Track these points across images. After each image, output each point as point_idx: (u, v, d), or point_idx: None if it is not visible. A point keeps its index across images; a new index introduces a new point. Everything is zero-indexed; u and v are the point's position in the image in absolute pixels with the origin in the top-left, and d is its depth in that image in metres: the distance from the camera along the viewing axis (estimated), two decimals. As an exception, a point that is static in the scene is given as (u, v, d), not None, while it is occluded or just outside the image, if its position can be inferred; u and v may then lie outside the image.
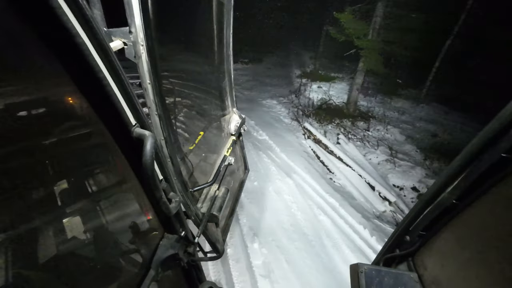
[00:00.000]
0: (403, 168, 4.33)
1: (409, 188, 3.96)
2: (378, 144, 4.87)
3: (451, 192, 0.82)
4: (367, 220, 3.16)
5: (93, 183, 0.85)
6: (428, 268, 1.00)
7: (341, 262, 2.57)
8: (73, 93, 0.70)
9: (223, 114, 2.23)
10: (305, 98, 6.70)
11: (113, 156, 0.93)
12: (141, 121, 0.86)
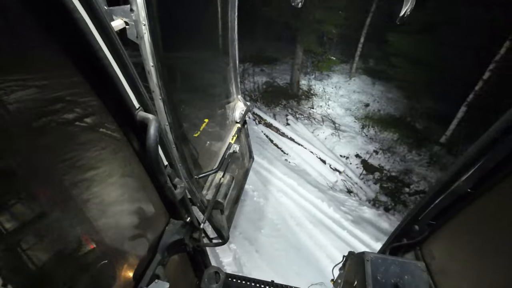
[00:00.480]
0: (346, 139, 4.78)
1: (353, 156, 4.41)
2: (323, 120, 5.29)
3: (466, 180, 0.79)
4: (323, 193, 3.35)
5: (95, 168, 0.83)
6: (437, 257, 0.98)
7: (307, 238, 2.70)
8: (72, 74, 0.67)
9: (227, 101, 2.19)
10: (250, 83, 6.69)
11: (117, 140, 0.91)
12: (145, 104, 0.84)
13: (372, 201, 3.60)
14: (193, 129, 1.77)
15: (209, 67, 1.83)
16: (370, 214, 3.15)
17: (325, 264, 2.47)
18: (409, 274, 0.99)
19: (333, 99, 6.12)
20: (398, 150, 4.94)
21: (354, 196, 3.58)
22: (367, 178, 4.07)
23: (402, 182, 4.25)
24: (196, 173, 1.64)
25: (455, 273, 0.90)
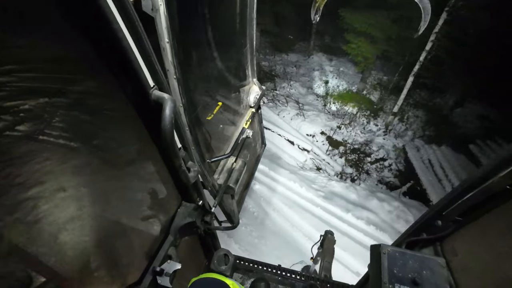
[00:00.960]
0: (310, 117, 4.84)
1: (319, 133, 4.54)
2: (287, 101, 5.32)
3: (506, 176, 0.72)
4: (294, 174, 3.38)
5: (108, 149, 0.81)
6: (459, 255, 0.93)
7: (284, 221, 2.74)
8: (84, 48, 0.63)
9: (242, 85, 2.13)
10: None
11: (131, 121, 0.89)
12: (160, 83, 0.80)
13: (340, 174, 3.74)
14: (206, 112, 1.73)
15: (225, 48, 1.75)
16: (339, 188, 3.20)
17: (303, 242, 2.52)
18: (428, 269, 0.95)
19: (294, 79, 6.14)
20: (358, 123, 5.19)
21: (323, 173, 3.64)
22: (333, 153, 4.21)
23: (364, 152, 4.57)
24: (208, 157, 1.62)
25: (479, 273, 0.85)
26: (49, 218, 0.65)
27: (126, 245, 1.02)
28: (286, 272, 1.88)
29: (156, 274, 1.07)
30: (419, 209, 3.52)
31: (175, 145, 0.78)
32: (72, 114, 0.66)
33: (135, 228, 1.07)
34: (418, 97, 6.21)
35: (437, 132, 5.43)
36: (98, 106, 0.73)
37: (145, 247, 1.13)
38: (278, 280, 1.82)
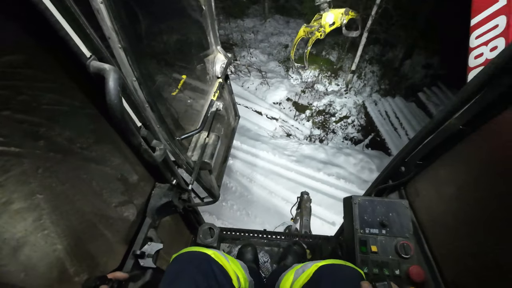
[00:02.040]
0: (275, 85, 4.84)
1: (284, 100, 4.61)
2: (249, 70, 5.18)
3: (459, 117, 0.76)
4: (266, 144, 3.49)
5: (59, 144, 0.71)
6: (421, 195, 1.02)
7: (261, 190, 2.87)
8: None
9: (206, 54, 1.97)
10: (159, 44, 6.34)
11: (76, 102, 0.78)
12: (98, 52, 0.69)
13: (309, 137, 3.91)
14: (170, 87, 1.61)
15: (180, 12, 1.57)
16: (309, 150, 3.38)
17: (282, 206, 2.69)
18: (394, 211, 1.03)
19: (253, 46, 5.91)
20: (321, 85, 5.26)
21: (293, 138, 3.79)
22: (300, 118, 4.35)
23: (329, 113, 4.71)
24: (179, 134, 1.54)
25: (438, 208, 0.94)
26: (4, 235, 0.59)
27: (102, 235, 0.98)
28: (271, 235, 1.98)
29: (138, 257, 1.06)
30: (380, 158, 3.84)
31: (129, 122, 0.70)
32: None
33: (109, 217, 1.02)
34: (372, 53, 6.30)
35: (390, 85, 5.76)
36: (29, 86, 0.62)
37: (122, 233, 1.10)
38: (264, 243, 1.92)
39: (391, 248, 0.99)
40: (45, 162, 0.68)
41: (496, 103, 0.69)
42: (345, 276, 0.79)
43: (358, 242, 1.00)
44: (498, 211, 0.67)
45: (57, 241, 0.73)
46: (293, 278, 0.94)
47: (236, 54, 5.76)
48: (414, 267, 0.90)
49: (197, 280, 0.79)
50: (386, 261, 0.96)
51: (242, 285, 1.00)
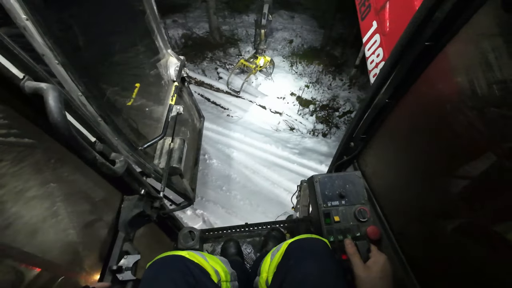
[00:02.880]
0: (279, 79, 4.93)
1: (288, 95, 4.67)
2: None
3: (384, 92, 0.88)
4: (269, 137, 3.61)
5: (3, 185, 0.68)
6: (369, 164, 1.16)
7: (264, 181, 3.00)
8: None
9: (157, 59, 1.93)
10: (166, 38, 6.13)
11: (18, 127, 0.74)
12: (32, 71, 0.67)
13: (312, 132, 4.00)
14: (124, 97, 1.56)
15: (121, 18, 1.51)
16: (312, 143, 3.52)
17: (284, 196, 2.79)
18: (350, 183, 1.16)
19: None
20: (325, 80, 5.34)
21: (296, 132, 3.88)
22: (303, 112, 4.41)
23: (332, 108, 4.78)
24: (141, 143, 1.51)
25: (382, 172, 1.08)
26: (22, 220, 0.66)
27: (75, 255, 0.95)
28: (252, 227, 2.05)
29: (115, 272, 1.04)
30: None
31: (78, 138, 0.69)
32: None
33: (80, 238, 0.99)
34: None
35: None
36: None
37: (96, 252, 1.07)
38: (245, 235, 1.99)
39: (350, 215, 1.11)
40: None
41: (407, 77, 0.82)
42: (310, 247, 0.87)
43: (323, 215, 1.10)
44: (422, 164, 0.81)
45: (69, 227, 0.82)
46: (270, 259, 1.01)
47: (241, 49, 5.60)
48: (370, 227, 1.03)
49: (174, 279, 0.80)
50: (348, 227, 1.08)
51: (223, 278, 1.03)
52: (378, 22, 1.67)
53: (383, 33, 1.61)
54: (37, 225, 0.72)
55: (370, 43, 1.75)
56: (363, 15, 1.92)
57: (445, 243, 0.77)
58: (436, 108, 0.72)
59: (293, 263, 0.82)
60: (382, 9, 1.58)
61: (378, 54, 1.69)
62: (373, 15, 1.72)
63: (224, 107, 4.17)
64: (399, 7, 1.42)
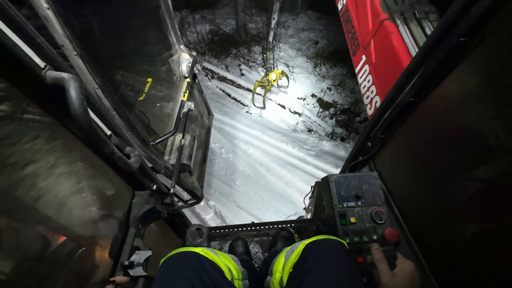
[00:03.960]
0: (301, 80, 4.83)
1: (309, 96, 4.59)
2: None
3: (409, 91, 0.85)
4: (286, 136, 3.59)
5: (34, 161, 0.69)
6: (386, 164, 1.13)
7: (277, 180, 3.00)
8: None
9: (170, 54, 1.93)
10: (193, 34, 5.97)
11: (37, 120, 0.73)
12: (53, 61, 0.66)
13: (330, 135, 3.90)
14: (137, 92, 1.55)
15: (137, 13, 1.51)
16: (329, 146, 3.46)
17: (296, 197, 2.76)
18: (366, 183, 1.13)
19: (283, 41, 5.76)
20: (348, 84, 5.20)
21: (314, 134, 3.80)
22: (323, 114, 4.29)
23: (353, 112, 4.64)
24: (152, 139, 1.51)
25: (401, 173, 1.05)
26: (51, 193, 0.71)
27: (87, 252, 0.94)
28: (259, 226, 2.04)
29: (126, 268, 1.03)
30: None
31: (98, 131, 0.68)
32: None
33: (91, 234, 0.98)
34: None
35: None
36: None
37: (107, 247, 1.06)
38: (253, 234, 1.97)
39: (367, 216, 1.08)
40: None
41: (434, 76, 0.79)
42: (329, 248, 0.85)
43: (338, 216, 1.08)
44: (447, 165, 0.78)
45: (92, 205, 0.87)
46: (284, 260, 0.99)
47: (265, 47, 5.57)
48: (388, 229, 1.00)
49: (190, 277, 0.79)
50: (364, 229, 1.06)
51: (235, 276, 1.02)
52: (366, 55, 2.03)
53: (371, 63, 1.95)
54: (64, 199, 0.79)
55: (361, 72, 2.10)
56: (354, 51, 2.28)
57: (470, 247, 0.74)
58: (466, 108, 0.69)
59: (311, 264, 0.80)
60: (368, 45, 1.95)
61: (369, 80, 2.00)
62: (362, 50, 2.08)
63: (244, 104, 4.18)
64: (380, 43, 1.80)
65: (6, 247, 0.62)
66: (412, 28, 1.61)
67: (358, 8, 2.12)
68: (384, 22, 1.70)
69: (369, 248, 0.95)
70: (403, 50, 1.55)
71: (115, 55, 1.26)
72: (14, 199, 0.62)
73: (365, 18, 1.95)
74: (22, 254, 0.64)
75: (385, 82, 1.85)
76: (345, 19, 2.45)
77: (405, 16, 1.68)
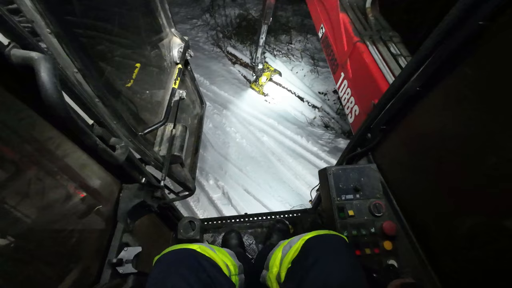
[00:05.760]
0: (324, 75, 4.64)
1: (331, 92, 4.43)
2: (302, 56, 4.90)
3: (416, 79, 0.80)
4: (302, 129, 3.57)
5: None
6: (386, 157, 1.10)
7: (288, 171, 3.03)
8: None
9: (160, 38, 1.79)
10: (221, 16, 5.69)
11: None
12: (20, 38, 0.56)
13: (347, 133, 3.84)
14: (123, 78, 1.44)
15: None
16: (344, 144, 3.46)
17: (304, 190, 2.78)
18: (365, 176, 1.10)
19: (311, 32, 5.40)
20: None
21: (330, 130, 3.77)
22: (343, 112, 4.19)
23: None
24: (141, 129, 1.41)
25: (402, 165, 1.02)
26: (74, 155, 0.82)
27: (70, 250, 0.87)
28: (252, 217, 2.01)
29: (115, 265, 0.98)
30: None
31: (76, 120, 0.60)
32: None
33: (75, 230, 0.91)
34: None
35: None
36: None
37: (93, 244, 1.00)
38: (246, 226, 1.95)
39: (365, 209, 1.06)
40: None
41: (445, 65, 0.74)
42: (330, 244, 0.82)
43: (336, 209, 1.05)
44: (447, 159, 0.75)
45: (90, 173, 0.94)
46: (282, 255, 0.96)
47: (292, 37, 5.25)
48: (386, 222, 0.99)
49: (186, 276, 0.75)
50: (363, 222, 1.04)
51: (232, 272, 0.99)
52: (344, 72, 2.34)
53: (348, 79, 2.27)
54: (86, 161, 0.88)
55: (341, 87, 2.42)
56: (334, 70, 2.60)
57: (473, 242, 0.72)
58: (480, 98, 0.65)
59: (313, 261, 0.77)
60: (345, 63, 2.27)
61: (348, 92, 2.30)
62: (340, 69, 2.41)
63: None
64: (355, 61, 2.14)
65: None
66: (379, 48, 2.00)
67: (335, 34, 2.53)
68: (357, 44, 2.07)
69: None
70: (373, 65, 1.91)
71: (98, 35, 1.14)
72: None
73: (341, 42, 2.33)
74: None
75: (361, 93, 2.17)
76: (325, 45, 2.82)
77: (373, 39, 2.07)
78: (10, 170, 0.65)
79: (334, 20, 2.53)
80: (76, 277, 0.89)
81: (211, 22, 5.69)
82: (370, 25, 2.24)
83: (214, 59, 4.73)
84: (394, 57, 1.91)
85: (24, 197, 0.70)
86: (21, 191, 0.68)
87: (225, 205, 2.66)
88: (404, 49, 1.98)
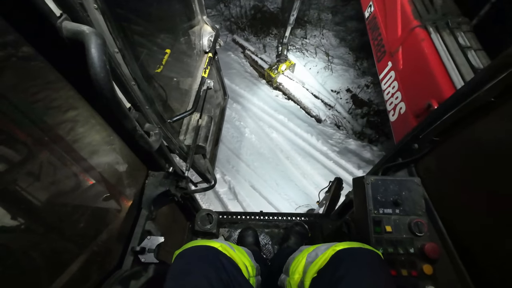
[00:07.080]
0: (338, 72, 4.49)
1: (344, 90, 4.28)
2: (316, 51, 4.76)
3: (491, 88, 0.70)
4: (312, 128, 3.48)
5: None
6: (434, 172, 1.00)
7: (295, 169, 2.95)
8: None
9: (191, 25, 1.75)
10: (236, 7, 5.53)
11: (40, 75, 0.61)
12: (71, 10, 0.52)
13: (358, 134, 3.67)
14: (154, 63, 1.41)
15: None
16: (355, 146, 3.31)
17: (311, 189, 2.69)
18: (406, 190, 1.01)
19: (328, 27, 5.30)
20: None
21: (342, 130, 3.63)
22: (355, 112, 3.99)
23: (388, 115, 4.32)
24: (168, 116, 1.39)
25: (452, 183, 0.93)
26: (87, 139, 0.76)
27: (95, 232, 0.86)
28: (269, 216, 1.96)
29: (137, 253, 0.96)
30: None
31: (120, 101, 0.56)
32: None
33: (100, 212, 0.90)
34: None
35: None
36: None
37: (117, 229, 0.98)
38: (262, 225, 1.90)
39: (404, 226, 0.97)
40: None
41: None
42: (364, 259, 0.76)
43: (372, 222, 0.97)
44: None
45: (119, 156, 0.93)
46: (306, 262, 0.91)
47: (307, 32, 5.14)
48: (429, 244, 0.90)
49: (208, 275, 0.72)
50: (400, 240, 0.95)
51: (251, 273, 0.96)
52: (392, 62, 2.06)
53: (397, 70, 1.97)
54: (96, 147, 0.82)
55: (386, 79, 2.17)
56: (379, 58, 2.33)
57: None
58: None
59: (344, 274, 0.71)
60: (396, 52, 1.97)
61: (394, 86, 2.04)
62: (388, 57, 2.12)
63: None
64: (409, 50, 1.82)
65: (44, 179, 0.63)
66: (444, 37, 1.60)
67: (387, 15, 2.15)
68: (416, 29, 1.69)
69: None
70: (434, 57, 1.53)
71: (137, 16, 1.11)
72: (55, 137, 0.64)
73: (394, 25, 1.97)
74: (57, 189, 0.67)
75: (411, 89, 1.81)
76: (371, 26, 2.46)
77: (438, 25, 1.66)
78: (45, 154, 0.63)
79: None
80: (100, 259, 0.88)
81: (225, 12, 5.59)
82: (436, 7, 1.77)
83: (227, 51, 4.63)
84: (462, 49, 1.51)
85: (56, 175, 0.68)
86: (53, 165, 0.66)
87: (230, 200, 2.64)
88: (475, 40, 1.56)
